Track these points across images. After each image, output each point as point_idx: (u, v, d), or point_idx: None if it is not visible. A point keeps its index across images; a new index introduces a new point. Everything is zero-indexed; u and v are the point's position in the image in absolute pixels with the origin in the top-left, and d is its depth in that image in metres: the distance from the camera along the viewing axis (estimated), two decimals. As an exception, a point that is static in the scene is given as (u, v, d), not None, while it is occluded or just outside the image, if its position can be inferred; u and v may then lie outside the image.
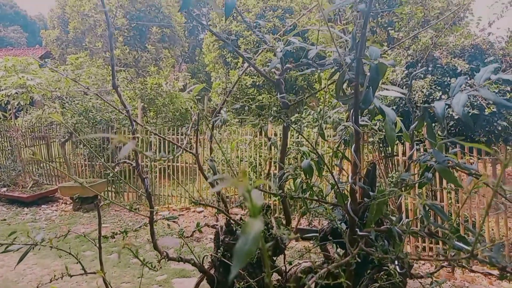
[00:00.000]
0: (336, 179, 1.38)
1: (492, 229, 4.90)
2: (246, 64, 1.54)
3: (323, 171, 1.48)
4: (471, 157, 4.69)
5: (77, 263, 1.52)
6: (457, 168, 1.23)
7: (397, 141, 5.80)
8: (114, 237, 1.68)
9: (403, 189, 1.22)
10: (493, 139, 5.15)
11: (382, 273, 1.28)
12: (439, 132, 4.49)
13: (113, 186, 8.46)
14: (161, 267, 1.54)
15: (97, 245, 1.73)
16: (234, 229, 1.51)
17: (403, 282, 1.27)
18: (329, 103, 6.63)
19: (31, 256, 5.28)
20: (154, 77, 10.75)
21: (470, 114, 5.19)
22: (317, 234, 1.67)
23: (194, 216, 7.22)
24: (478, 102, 5.26)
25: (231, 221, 1.51)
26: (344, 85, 1.38)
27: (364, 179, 1.36)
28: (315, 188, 1.36)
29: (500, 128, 5.12)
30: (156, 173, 8.11)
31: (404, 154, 5.56)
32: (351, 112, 1.29)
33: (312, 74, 11.75)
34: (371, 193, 1.24)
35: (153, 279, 4.66)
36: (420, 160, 1.25)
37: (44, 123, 9.36)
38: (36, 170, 9.08)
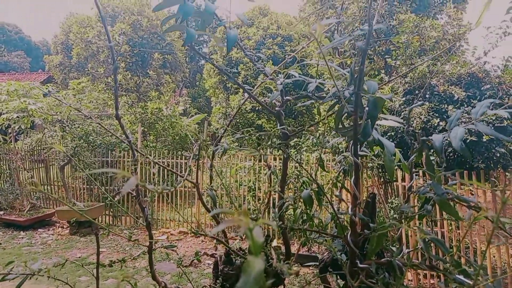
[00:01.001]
0: (335, 210, 1.38)
1: (494, 256, 4.84)
2: (246, 94, 1.57)
3: (323, 201, 1.49)
4: (471, 185, 4.69)
5: (74, 293, 1.50)
6: (456, 200, 1.24)
7: (396, 167, 5.82)
8: (112, 266, 1.67)
9: (403, 220, 1.22)
10: (491, 165, 5.17)
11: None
12: (437, 161, 4.51)
13: (111, 210, 8.40)
14: (159, 299, 1.52)
15: (93, 271, 1.71)
16: (234, 259, 1.50)
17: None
18: (328, 130, 6.69)
19: (26, 283, 5.18)
20: (155, 102, 10.86)
21: (468, 140, 5.23)
22: (317, 263, 1.66)
23: (192, 241, 7.14)
24: (476, 129, 5.31)
25: (231, 251, 1.50)
26: (343, 117, 1.41)
27: (364, 210, 1.37)
28: (315, 219, 1.37)
29: (498, 155, 5.15)
30: (155, 197, 8.07)
31: (403, 179, 5.57)
32: (350, 144, 1.31)
33: (311, 103, 11.88)
34: (371, 225, 1.24)
35: (150, 308, 4.56)
36: (420, 192, 1.26)
37: (44, 146, 9.38)
38: (34, 193, 9.03)
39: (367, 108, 1.26)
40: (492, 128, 5.16)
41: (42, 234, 7.54)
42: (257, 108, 12.09)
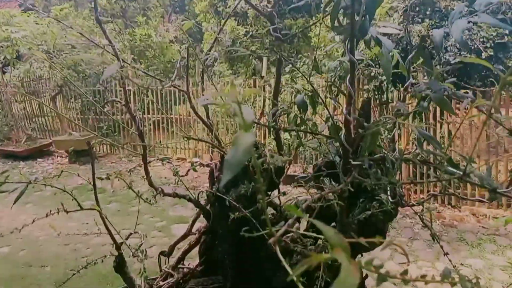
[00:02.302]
0: (330, 111, 1.37)
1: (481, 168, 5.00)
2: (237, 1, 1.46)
3: (318, 107, 1.47)
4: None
5: (72, 200, 1.55)
6: (453, 97, 1.22)
7: (392, 88, 5.76)
8: (109, 178, 1.70)
9: (397, 118, 1.21)
10: (488, 83, 5.13)
11: (374, 202, 1.31)
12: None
13: (108, 138, 8.46)
14: (156, 201, 1.57)
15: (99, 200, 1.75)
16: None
17: (395, 210, 1.30)
18: (324, 51, 6.49)
19: (30, 207, 5.38)
20: (143, 28, 10.37)
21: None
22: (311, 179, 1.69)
23: (189, 166, 7.29)
24: (476, 46, 5.17)
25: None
26: (340, 15, 1.33)
27: (359, 112, 1.35)
28: (309, 122, 1.35)
29: (496, 73, 5.08)
30: (150, 125, 8.09)
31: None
32: (347, 42, 1.25)
33: (307, 21, 11.39)
34: (365, 124, 1.23)
35: (153, 225, 4.80)
36: (416, 90, 1.23)
37: (32, 76, 9.14)
38: (29, 124, 9.01)
39: (364, 1, 1.18)
40: (492, 44, 5.03)
41: (42, 164, 7.67)
42: (251, 33, 11.63)
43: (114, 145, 8.13)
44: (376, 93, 6.08)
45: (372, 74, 5.95)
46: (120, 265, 1.53)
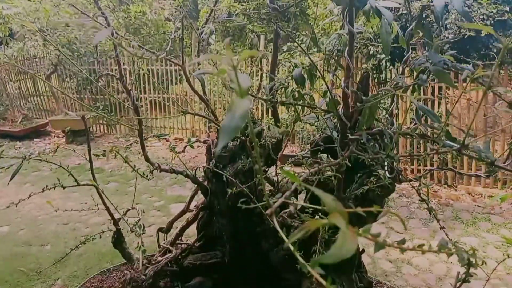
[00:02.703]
0: (328, 88, 1.35)
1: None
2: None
3: (316, 82, 1.45)
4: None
5: (69, 175, 1.54)
6: (453, 69, 1.20)
7: (391, 66, 5.71)
8: (104, 155, 1.69)
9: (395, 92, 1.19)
10: (487, 61, 5.08)
11: (372, 178, 1.30)
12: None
13: (104, 118, 8.41)
14: (153, 177, 1.57)
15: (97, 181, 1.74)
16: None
17: (392, 185, 1.30)
18: (321, 28, 6.39)
19: (28, 187, 5.38)
20: (138, 4, 10.15)
21: (466, 36, 5.06)
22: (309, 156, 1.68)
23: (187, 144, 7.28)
24: (476, 23, 5.10)
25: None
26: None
27: (357, 85, 1.33)
28: (306, 97, 1.33)
29: (495, 51, 5.03)
30: (147, 105, 8.03)
31: (397, 79, 5.49)
32: (346, 12, 1.22)
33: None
34: (363, 98, 1.21)
35: (152, 205, 4.82)
36: (415, 63, 1.21)
37: (26, 55, 8.98)
38: (24, 104, 8.92)
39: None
40: (492, 21, 4.96)
41: (39, 144, 7.64)
42: (248, 10, 11.43)
43: (110, 119, 8.08)
44: (375, 72, 6.03)
45: (371, 52, 5.88)
46: (118, 240, 1.53)
